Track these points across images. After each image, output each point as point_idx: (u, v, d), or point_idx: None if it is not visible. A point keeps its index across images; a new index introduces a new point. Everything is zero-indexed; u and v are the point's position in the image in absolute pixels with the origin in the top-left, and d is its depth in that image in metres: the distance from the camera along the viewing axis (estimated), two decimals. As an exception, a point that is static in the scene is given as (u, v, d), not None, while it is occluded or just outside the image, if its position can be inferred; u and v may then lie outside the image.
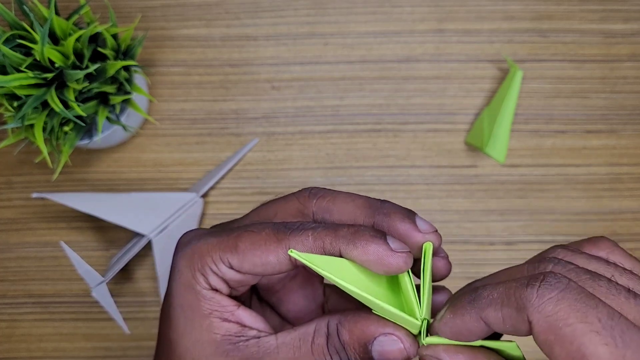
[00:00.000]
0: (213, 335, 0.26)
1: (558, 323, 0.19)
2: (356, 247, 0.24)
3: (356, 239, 0.24)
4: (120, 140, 0.49)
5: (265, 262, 0.25)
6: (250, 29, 0.51)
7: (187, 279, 0.26)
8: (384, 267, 0.24)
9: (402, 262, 0.24)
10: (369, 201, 0.26)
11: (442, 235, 0.50)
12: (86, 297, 0.49)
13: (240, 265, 0.25)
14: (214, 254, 0.25)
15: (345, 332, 0.25)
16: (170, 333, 0.27)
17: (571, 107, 0.51)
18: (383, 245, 0.24)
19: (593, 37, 0.51)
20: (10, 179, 0.50)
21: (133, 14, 0.51)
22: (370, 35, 0.51)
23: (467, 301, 0.22)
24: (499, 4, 0.51)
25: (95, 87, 0.42)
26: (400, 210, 0.26)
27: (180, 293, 0.26)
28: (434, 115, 0.50)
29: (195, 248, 0.26)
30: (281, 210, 0.28)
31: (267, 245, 0.25)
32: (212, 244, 0.26)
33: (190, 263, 0.26)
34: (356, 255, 0.24)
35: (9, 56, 0.39)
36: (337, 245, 0.24)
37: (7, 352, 0.49)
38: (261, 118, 0.50)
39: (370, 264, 0.24)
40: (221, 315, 0.26)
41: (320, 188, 0.28)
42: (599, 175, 0.50)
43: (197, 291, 0.26)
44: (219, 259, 0.25)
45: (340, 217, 0.26)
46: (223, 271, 0.26)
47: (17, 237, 0.50)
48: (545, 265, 0.22)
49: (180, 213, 0.47)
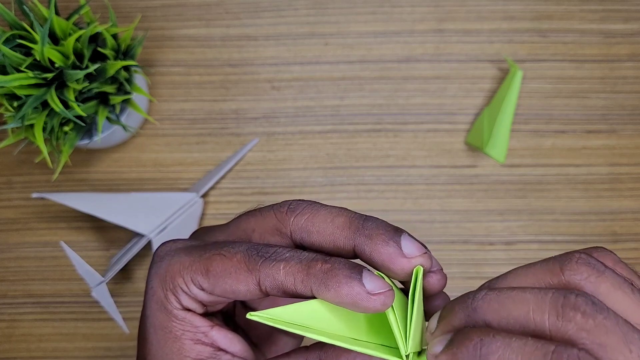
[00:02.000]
0: (184, 358, 0.25)
1: None
2: (328, 289, 0.22)
3: (329, 280, 0.22)
4: (120, 140, 0.49)
5: (235, 290, 0.24)
6: (250, 29, 0.51)
7: (159, 298, 0.25)
8: (360, 310, 0.22)
9: (379, 305, 0.22)
10: (350, 220, 0.24)
11: (442, 235, 0.51)
12: (86, 297, 0.49)
13: (212, 289, 0.24)
14: (185, 274, 0.24)
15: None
16: (146, 354, 0.26)
17: (571, 107, 0.51)
18: (357, 288, 0.22)
19: (593, 37, 0.51)
20: (10, 179, 0.50)
21: (133, 14, 0.51)
22: (370, 35, 0.51)
23: (473, 357, 0.20)
24: (499, 4, 0.51)
25: (95, 87, 0.42)
26: (384, 231, 0.24)
27: (154, 313, 0.25)
28: (434, 115, 0.50)
29: (167, 266, 0.25)
30: (259, 226, 0.26)
31: (237, 274, 0.23)
32: (184, 264, 0.25)
33: (162, 282, 0.25)
34: (329, 297, 0.22)
35: (9, 56, 0.39)
36: (308, 284, 0.22)
37: (7, 352, 0.49)
38: (261, 118, 0.51)
39: (345, 305, 0.22)
40: (194, 336, 0.25)
41: (300, 202, 0.26)
42: (599, 175, 0.50)
43: (169, 311, 0.25)
44: (190, 281, 0.24)
45: (319, 238, 0.25)
46: (194, 292, 0.24)
47: (17, 237, 0.50)
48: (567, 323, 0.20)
49: (180, 213, 0.47)
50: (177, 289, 0.25)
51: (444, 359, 0.21)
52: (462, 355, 0.20)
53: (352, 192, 0.50)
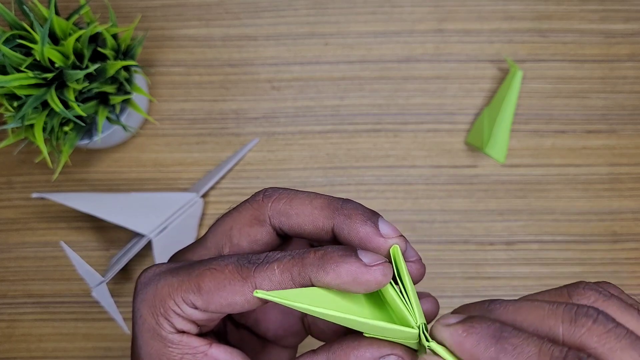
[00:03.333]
0: None
1: None
2: (327, 272, 0.22)
3: (325, 263, 0.22)
4: (120, 140, 0.49)
5: (232, 303, 0.23)
6: (250, 29, 0.51)
7: (150, 326, 0.24)
8: (362, 286, 0.22)
9: (380, 276, 0.22)
10: (328, 201, 0.25)
11: (442, 235, 0.51)
12: (86, 297, 0.49)
13: (206, 306, 0.23)
14: (175, 295, 0.23)
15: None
16: None
17: (571, 107, 0.51)
18: (355, 263, 0.22)
19: (593, 37, 0.51)
20: (10, 179, 0.50)
21: (133, 14, 0.51)
22: (370, 35, 0.51)
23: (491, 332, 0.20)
24: (499, 4, 0.51)
25: (95, 87, 0.42)
26: (362, 212, 0.24)
27: (146, 342, 0.24)
28: (434, 115, 0.50)
29: (155, 291, 0.24)
30: (236, 222, 0.26)
31: (232, 285, 0.23)
32: (173, 286, 0.24)
33: (152, 308, 0.24)
34: (329, 280, 0.22)
35: (9, 56, 0.39)
36: (306, 274, 0.22)
37: (7, 352, 0.49)
38: (261, 118, 0.51)
39: (346, 286, 0.22)
40: (193, 358, 0.24)
41: (275, 189, 0.26)
42: (599, 175, 0.50)
43: (163, 337, 0.24)
44: (182, 301, 0.23)
45: (299, 220, 0.24)
46: (188, 313, 0.24)
47: (17, 237, 0.50)
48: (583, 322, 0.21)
49: (180, 213, 0.47)
50: (168, 312, 0.24)
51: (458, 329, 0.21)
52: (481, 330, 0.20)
53: (352, 192, 0.50)
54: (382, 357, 0.22)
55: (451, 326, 0.21)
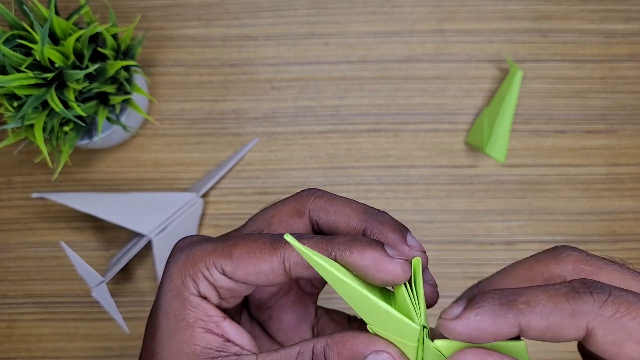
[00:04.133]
0: (193, 347, 0.25)
1: (624, 320, 0.19)
2: (352, 252, 0.23)
3: (353, 245, 0.23)
4: (120, 140, 0.49)
5: (258, 271, 0.24)
6: (250, 29, 0.51)
7: (176, 285, 0.25)
8: (381, 274, 0.23)
9: (399, 269, 0.23)
10: (365, 207, 0.26)
11: (442, 235, 0.51)
12: (86, 297, 0.49)
13: (234, 272, 0.25)
14: (207, 259, 0.25)
15: (333, 354, 0.23)
16: (153, 345, 0.26)
17: (571, 107, 0.51)
18: (380, 251, 0.23)
19: (593, 37, 0.51)
20: (10, 179, 0.50)
21: (133, 14, 0.51)
22: (370, 35, 0.51)
23: (501, 303, 0.21)
24: (499, 4, 0.51)
25: (95, 87, 0.42)
26: (395, 223, 0.26)
27: (167, 300, 0.26)
28: (434, 115, 0.50)
29: (188, 254, 0.26)
30: (277, 212, 0.27)
31: (262, 253, 0.24)
32: (207, 250, 0.25)
33: (182, 268, 0.25)
34: (353, 260, 0.23)
35: (9, 56, 0.39)
36: (333, 251, 0.23)
37: (7, 352, 0.49)
38: (261, 118, 0.50)
39: (366, 269, 0.23)
40: (205, 325, 0.25)
41: (319, 189, 0.27)
42: (599, 175, 0.50)
43: (185, 298, 0.25)
44: (212, 265, 0.25)
45: (335, 217, 0.26)
46: (215, 277, 0.25)
47: (17, 237, 0.50)
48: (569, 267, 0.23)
49: (180, 213, 0.47)
50: (197, 274, 0.25)
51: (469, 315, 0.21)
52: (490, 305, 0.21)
53: (352, 192, 0.50)
54: (375, 352, 0.23)
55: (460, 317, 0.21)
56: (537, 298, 0.20)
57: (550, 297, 0.20)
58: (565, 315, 0.20)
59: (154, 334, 0.26)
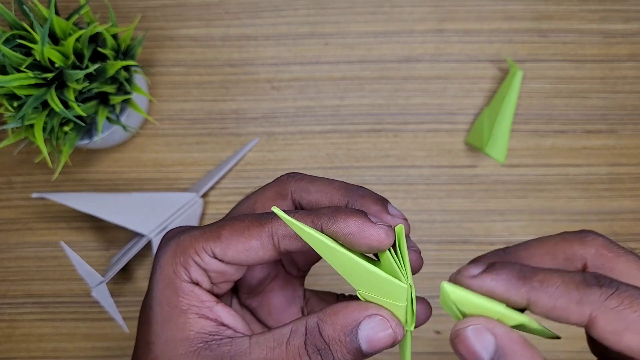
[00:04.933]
0: (187, 332, 0.25)
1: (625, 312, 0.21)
2: (337, 221, 0.24)
3: (337, 215, 0.24)
4: (120, 140, 0.49)
5: (248, 247, 0.25)
6: (250, 29, 0.51)
7: (167, 274, 0.26)
8: (365, 240, 0.23)
9: (383, 234, 0.24)
10: (345, 185, 0.27)
11: (441, 235, 0.51)
12: (86, 297, 0.49)
13: (224, 253, 0.25)
14: (196, 244, 0.25)
15: (328, 326, 0.24)
16: (147, 335, 0.26)
17: (571, 107, 0.51)
18: (364, 219, 0.24)
19: (593, 37, 0.51)
20: (10, 179, 0.50)
21: (133, 14, 0.51)
22: (370, 35, 0.51)
23: (518, 276, 0.22)
24: (499, 4, 0.51)
25: (95, 87, 0.42)
26: (375, 195, 0.27)
27: (160, 290, 0.26)
28: (434, 115, 0.50)
29: (178, 242, 0.26)
30: (260, 197, 0.28)
31: (250, 230, 0.25)
32: (195, 236, 0.26)
33: (172, 257, 0.26)
34: (338, 228, 0.24)
35: (9, 56, 0.39)
36: (318, 222, 0.24)
37: (7, 352, 0.49)
38: (261, 118, 0.51)
39: (352, 236, 0.24)
40: (199, 311, 0.26)
41: (298, 172, 0.28)
42: (599, 175, 0.50)
43: (177, 286, 0.26)
44: (202, 249, 0.25)
45: (318, 196, 0.27)
46: (206, 261, 0.25)
47: (17, 237, 0.50)
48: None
49: (180, 213, 0.47)
50: (188, 260, 0.25)
51: (485, 278, 0.22)
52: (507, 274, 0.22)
53: (352, 192, 0.50)
54: (368, 317, 0.24)
55: (477, 277, 0.22)
56: (551, 280, 0.22)
57: (564, 282, 0.22)
58: (572, 301, 0.21)
59: (148, 324, 0.26)
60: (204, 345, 0.25)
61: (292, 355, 0.24)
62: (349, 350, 0.24)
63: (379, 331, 0.24)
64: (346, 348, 0.23)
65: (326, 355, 0.24)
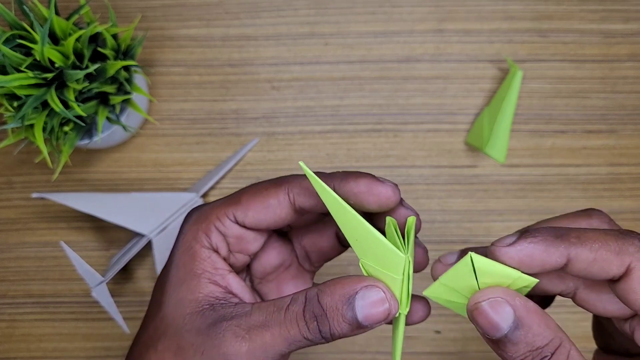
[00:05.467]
0: (197, 294, 0.26)
1: None
2: (348, 181, 0.26)
3: (348, 177, 0.26)
4: (120, 140, 0.49)
5: (267, 206, 0.27)
6: (250, 29, 0.51)
7: (188, 240, 0.27)
8: (374, 197, 0.25)
9: (390, 191, 0.25)
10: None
11: (442, 235, 0.51)
12: (86, 297, 0.49)
13: (244, 215, 0.27)
14: (219, 211, 0.27)
15: (325, 295, 0.25)
16: (160, 295, 0.27)
17: (571, 107, 0.51)
18: (372, 178, 0.26)
19: (593, 37, 0.51)
20: (10, 179, 0.50)
21: (133, 14, 0.51)
22: (370, 35, 0.51)
23: (554, 235, 0.23)
24: (499, 4, 0.51)
25: (95, 87, 0.42)
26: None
27: (179, 254, 0.27)
28: (434, 115, 0.50)
29: (202, 210, 0.28)
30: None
31: (268, 190, 0.27)
32: (217, 204, 0.28)
33: (195, 223, 0.28)
34: (349, 187, 0.26)
35: (9, 56, 0.39)
36: (331, 183, 0.26)
37: (7, 352, 0.49)
38: (261, 118, 0.51)
39: (361, 194, 0.25)
40: (211, 277, 0.27)
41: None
42: (599, 175, 0.50)
43: (195, 250, 0.27)
44: (224, 214, 0.27)
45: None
46: (227, 225, 0.27)
47: (17, 237, 0.50)
48: None
49: (180, 213, 0.47)
50: (209, 226, 0.27)
51: (522, 242, 0.23)
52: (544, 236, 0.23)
53: (352, 192, 0.50)
54: (365, 287, 0.25)
55: (514, 244, 0.23)
56: (588, 234, 0.23)
57: (601, 235, 0.23)
58: (612, 252, 0.22)
59: (162, 286, 0.28)
60: (209, 307, 0.26)
61: (289, 319, 0.25)
62: (345, 319, 0.24)
63: (375, 302, 0.24)
64: (342, 316, 0.24)
65: (322, 322, 0.24)
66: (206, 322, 0.25)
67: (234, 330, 0.25)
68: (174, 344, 0.25)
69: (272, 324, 0.25)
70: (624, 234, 0.23)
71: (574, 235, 0.23)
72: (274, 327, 0.24)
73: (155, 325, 0.27)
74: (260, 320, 0.25)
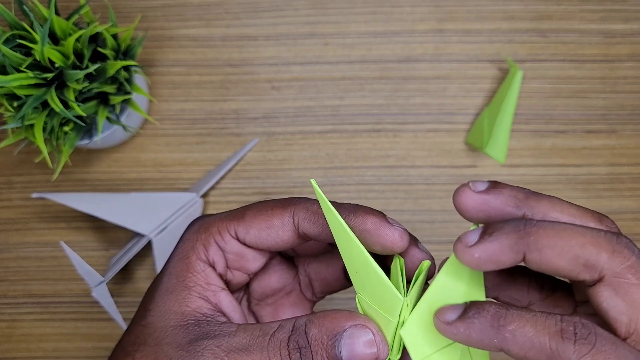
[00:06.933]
0: (184, 307, 0.26)
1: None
2: (356, 216, 0.24)
3: (357, 211, 0.25)
4: (120, 140, 0.49)
5: (270, 225, 0.26)
6: (250, 29, 0.51)
7: (185, 249, 0.27)
8: (380, 239, 0.24)
9: (397, 235, 0.24)
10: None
11: (442, 235, 0.51)
12: (86, 297, 0.49)
13: (246, 232, 0.26)
14: (220, 224, 0.27)
15: (313, 327, 0.24)
16: (148, 303, 0.27)
17: (571, 107, 0.51)
18: (382, 219, 0.24)
19: (593, 37, 0.51)
20: (10, 179, 0.50)
21: (133, 14, 0.51)
22: (370, 35, 0.51)
23: (489, 322, 0.21)
24: (499, 4, 0.51)
25: (95, 87, 0.42)
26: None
27: (174, 262, 0.27)
28: (434, 115, 0.50)
29: (204, 221, 0.27)
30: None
31: (273, 210, 0.26)
32: (221, 217, 0.27)
33: (196, 233, 0.27)
34: (356, 223, 0.24)
35: (9, 56, 0.39)
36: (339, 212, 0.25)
37: (7, 352, 0.49)
38: (261, 118, 0.50)
39: (368, 233, 0.24)
40: (202, 291, 0.26)
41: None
42: (599, 175, 0.50)
43: (190, 261, 0.26)
44: (225, 229, 0.26)
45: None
46: (226, 240, 0.26)
47: (17, 237, 0.50)
48: None
49: (180, 213, 0.47)
50: (209, 239, 0.26)
51: (459, 326, 0.22)
52: (480, 323, 0.21)
53: (353, 192, 0.50)
54: (354, 326, 0.24)
55: (452, 324, 0.22)
56: (524, 329, 0.21)
57: (537, 332, 0.21)
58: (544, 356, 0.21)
59: (151, 293, 0.27)
60: (194, 322, 0.25)
61: (272, 346, 0.24)
62: (329, 355, 0.23)
63: (363, 343, 0.23)
64: (326, 352, 0.23)
65: (305, 354, 0.23)
66: (188, 337, 0.25)
67: (214, 350, 0.24)
68: (152, 355, 0.25)
69: (253, 349, 0.24)
70: (565, 332, 0.21)
71: (510, 328, 0.21)
72: (255, 352, 0.24)
73: (137, 331, 0.26)
74: (242, 343, 0.24)
